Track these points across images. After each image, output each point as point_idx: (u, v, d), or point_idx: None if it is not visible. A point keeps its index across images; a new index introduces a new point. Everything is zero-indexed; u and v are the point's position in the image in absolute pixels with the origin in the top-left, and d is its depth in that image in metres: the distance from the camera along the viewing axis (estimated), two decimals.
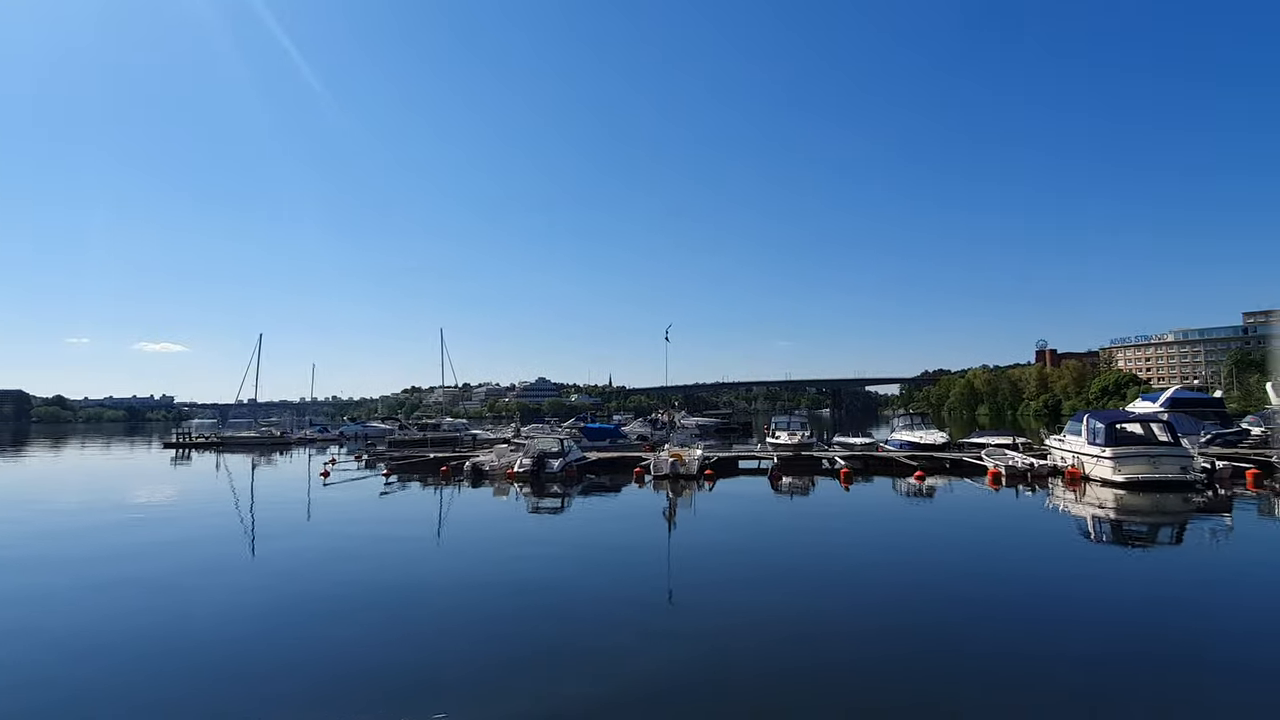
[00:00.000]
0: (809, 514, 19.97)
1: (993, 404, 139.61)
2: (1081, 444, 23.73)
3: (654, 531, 16.80)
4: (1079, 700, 6.75)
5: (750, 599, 10.66)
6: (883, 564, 13.30)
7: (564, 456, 27.84)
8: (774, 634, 8.98)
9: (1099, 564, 13.63)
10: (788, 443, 33.59)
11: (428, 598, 10.96)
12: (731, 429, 73.04)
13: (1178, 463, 21.29)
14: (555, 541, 15.99)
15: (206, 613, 10.27)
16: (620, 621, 9.51)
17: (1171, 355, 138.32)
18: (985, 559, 13.78)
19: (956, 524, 18.11)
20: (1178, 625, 9.35)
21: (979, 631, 9.10)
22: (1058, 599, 10.73)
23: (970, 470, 26.30)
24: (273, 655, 8.40)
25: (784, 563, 13.49)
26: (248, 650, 8.58)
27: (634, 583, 11.76)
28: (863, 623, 9.52)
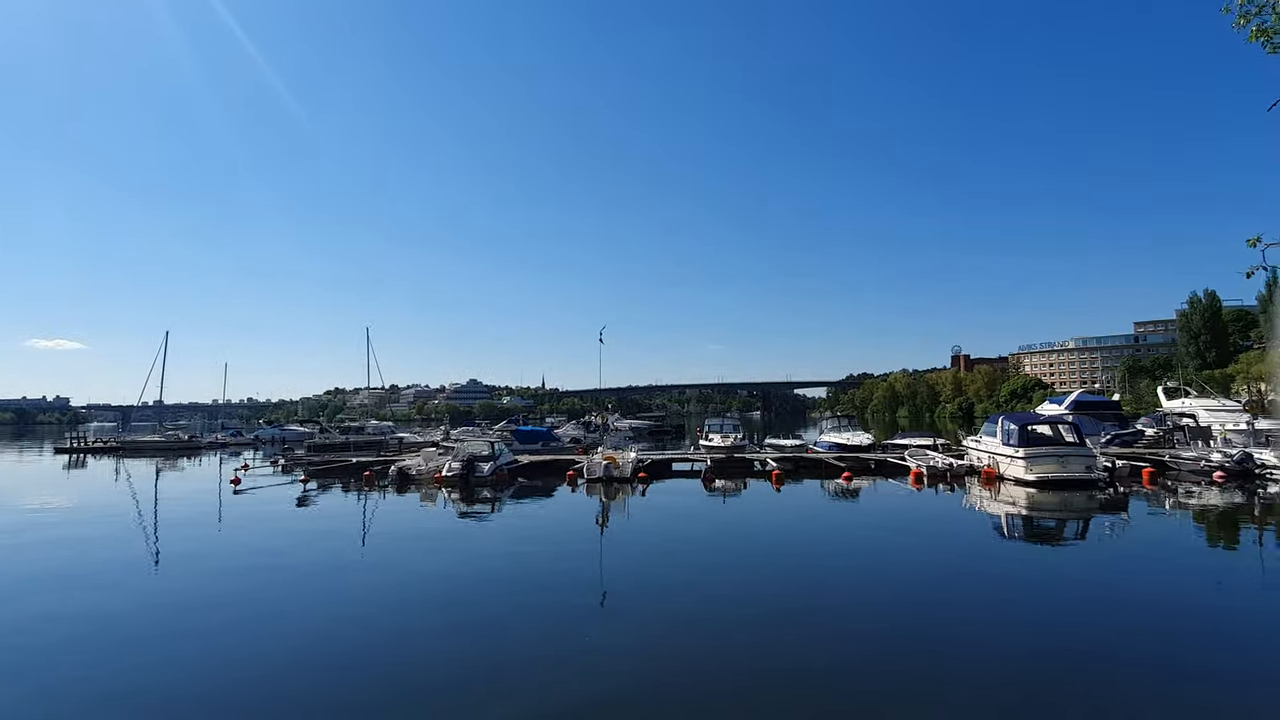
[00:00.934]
0: (742, 516, 20.11)
1: (912, 406, 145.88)
2: (997, 445, 24.88)
3: (587, 536, 16.52)
4: (987, 691, 6.93)
5: (684, 604, 10.54)
6: (815, 566, 13.45)
7: (495, 460, 27.16)
8: (709, 639, 8.87)
9: (1014, 560, 14.27)
10: (720, 445, 33.89)
11: (345, 614, 10.30)
12: (665, 431, 73.40)
13: (1083, 462, 22.59)
14: (484, 548, 15.49)
15: (70, 644, 9.34)
16: (552, 632, 9.19)
17: (1072, 361, 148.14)
18: (911, 558, 14.12)
19: (883, 523, 18.59)
20: (1082, 617, 9.79)
21: (908, 631, 9.26)
22: (977, 594, 11.12)
23: (894, 470, 27.18)
24: (149, 692, 7.65)
25: (718, 566, 13.45)
26: (114, 690, 7.78)
27: (566, 590, 11.44)
28: (797, 626, 9.53)
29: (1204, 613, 10.18)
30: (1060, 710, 6.65)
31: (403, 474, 27.09)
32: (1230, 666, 7.77)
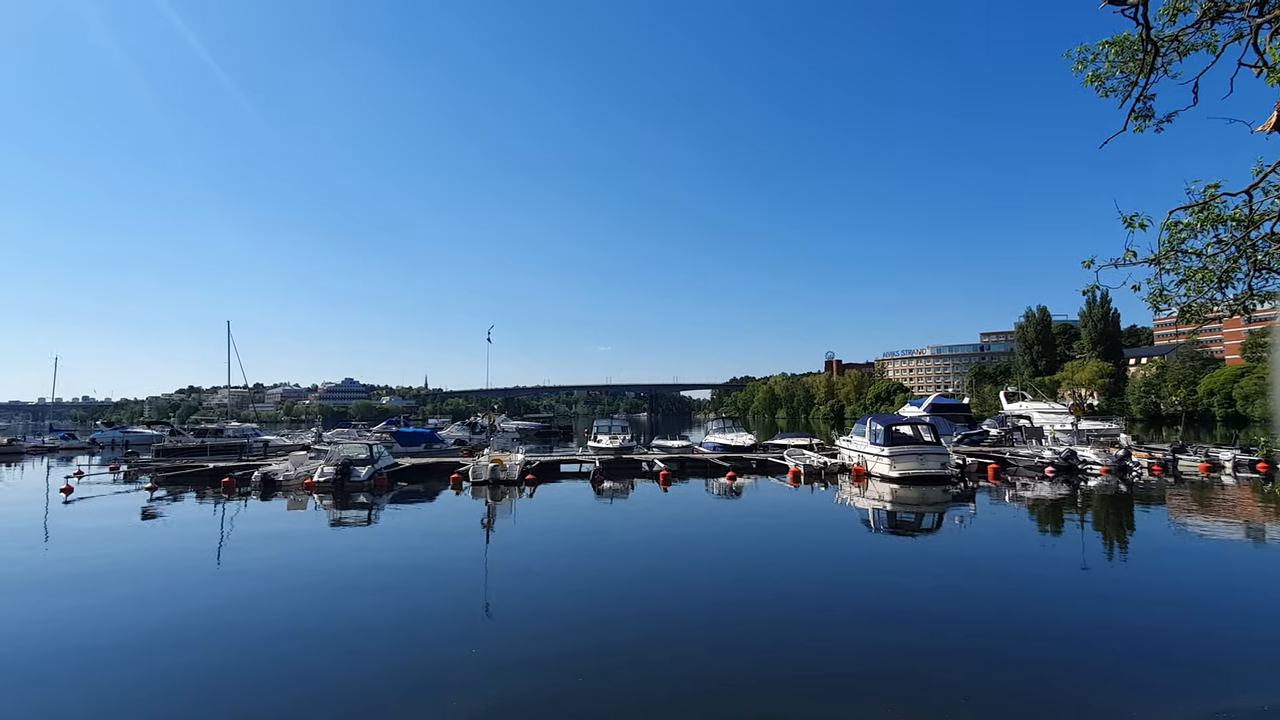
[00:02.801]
0: (630, 516, 20.29)
1: (790, 408, 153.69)
2: (865, 444, 26.66)
3: (471, 541, 16.06)
4: (838, 670, 7.43)
5: (571, 606, 10.50)
6: (701, 563, 13.82)
7: (373, 463, 25.82)
8: (597, 644, 8.87)
9: (881, 549, 15.36)
10: (609, 446, 34.07)
11: (192, 638, 9.40)
12: (553, 433, 72.91)
13: (939, 460, 24.68)
14: (360, 558, 14.65)
15: None
16: (431, 645, 8.85)
17: (929, 367, 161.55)
18: (791, 552, 14.84)
19: (764, 520, 19.42)
20: (938, 599, 10.71)
21: (787, 621, 9.72)
22: (849, 581, 11.87)
23: (774, 469, 28.44)
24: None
25: (607, 568, 13.50)
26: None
27: (448, 599, 11.07)
28: (683, 623, 9.74)
29: (1035, 590, 11.42)
30: (929, 686, 7.23)
31: (267, 480, 25.13)
32: (1060, 632, 8.78)
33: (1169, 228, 5.25)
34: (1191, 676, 7.68)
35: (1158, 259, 5.29)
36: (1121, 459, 26.66)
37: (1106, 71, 6.36)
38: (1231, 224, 5.10)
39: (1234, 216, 5.18)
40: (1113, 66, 6.32)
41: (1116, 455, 26.97)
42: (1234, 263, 5.15)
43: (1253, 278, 5.16)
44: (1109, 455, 27.01)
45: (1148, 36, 5.66)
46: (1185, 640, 8.93)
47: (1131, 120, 6.24)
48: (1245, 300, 5.32)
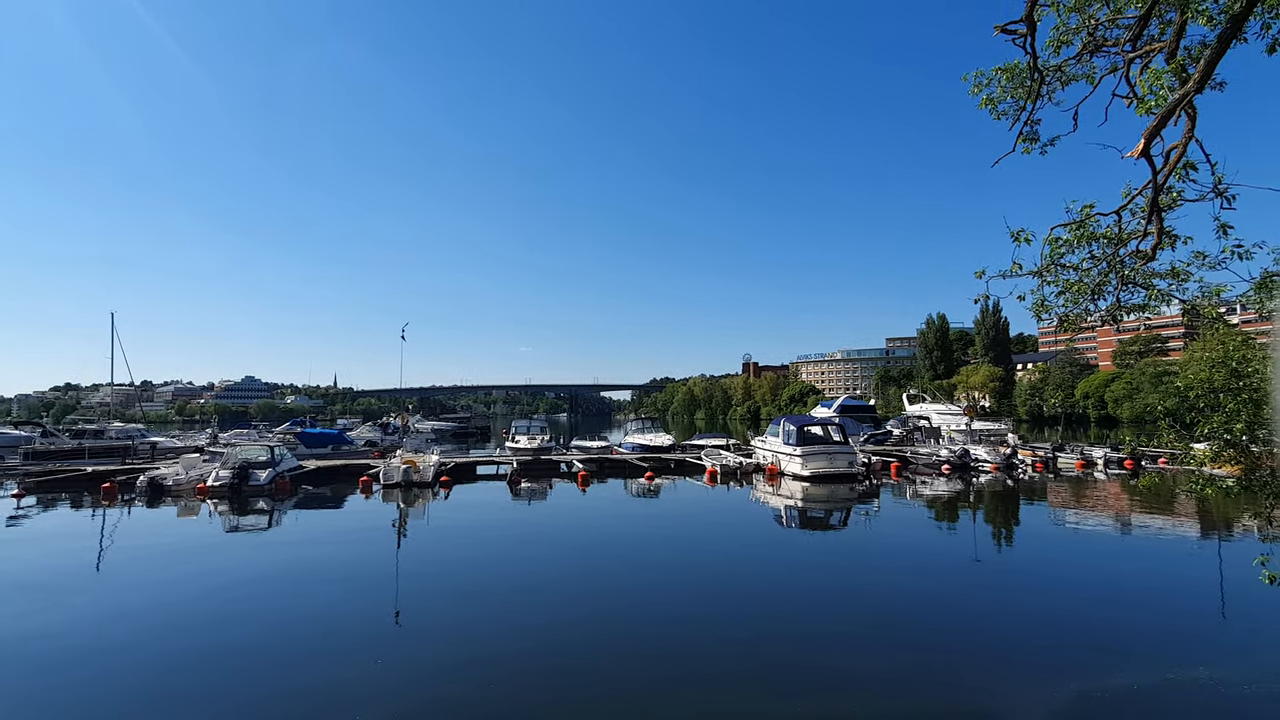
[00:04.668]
0: (547, 517, 20.11)
1: (708, 409, 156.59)
2: (779, 444, 27.50)
3: (381, 546, 15.46)
4: (745, 663, 7.66)
5: (485, 611, 10.29)
6: (616, 564, 13.85)
7: (274, 466, 24.43)
8: (510, 648, 8.73)
9: (791, 544, 15.86)
10: (527, 447, 33.64)
11: (56, 663, 8.62)
12: (470, 433, 71.38)
13: (847, 459, 25.77)
14: (258, 568, 13.82)
15: None
16: (336, 657, 8.46)
17: (839, 370, 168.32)
18: (705, 549, 15.10)
19: (681, 519, 19.69)
20: (843, 592, 11.19)
21: (698, 617, 9.88)
22: (761, 576, 12.20)
23: (692, 469, 28.88)
24: None
25: (522, 572, 13.29)
26: None
27: (355, 607, 10.61)
28: (598, 626, 9.73)
29: (931, 581, 12.12)
30: (832, 676, 7.52)
31: (155, 485, 23.31)
32: (954, 620, 9.35)
33: (1050, 243, 5.69)
34: (1071, 657, 8.34)
35: (1040, 271, 5.72)
36: (1009, 457, 28.67)
37: (999, 96, 6.79)
38: (1104, 241, 5.58)
39: (1106, 234, 5.66)
40: (1004, 91, 6.74)
41: (1004, 453, 28.98)
42: (1105, 277, 5.63)
43: (1121, 291, 5.66)
44: (998, 453, 28.98)
45: (1034, 65, 6.09)
46: (1065, 624, 9.70)
47: (1020, 142, 6.69)
48: (1114, 311, 5.82)
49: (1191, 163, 5.09)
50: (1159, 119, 4.77)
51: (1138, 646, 8.70)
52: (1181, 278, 5.56)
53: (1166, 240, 5.33)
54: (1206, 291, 6.07)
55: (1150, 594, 11.39)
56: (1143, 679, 7.52)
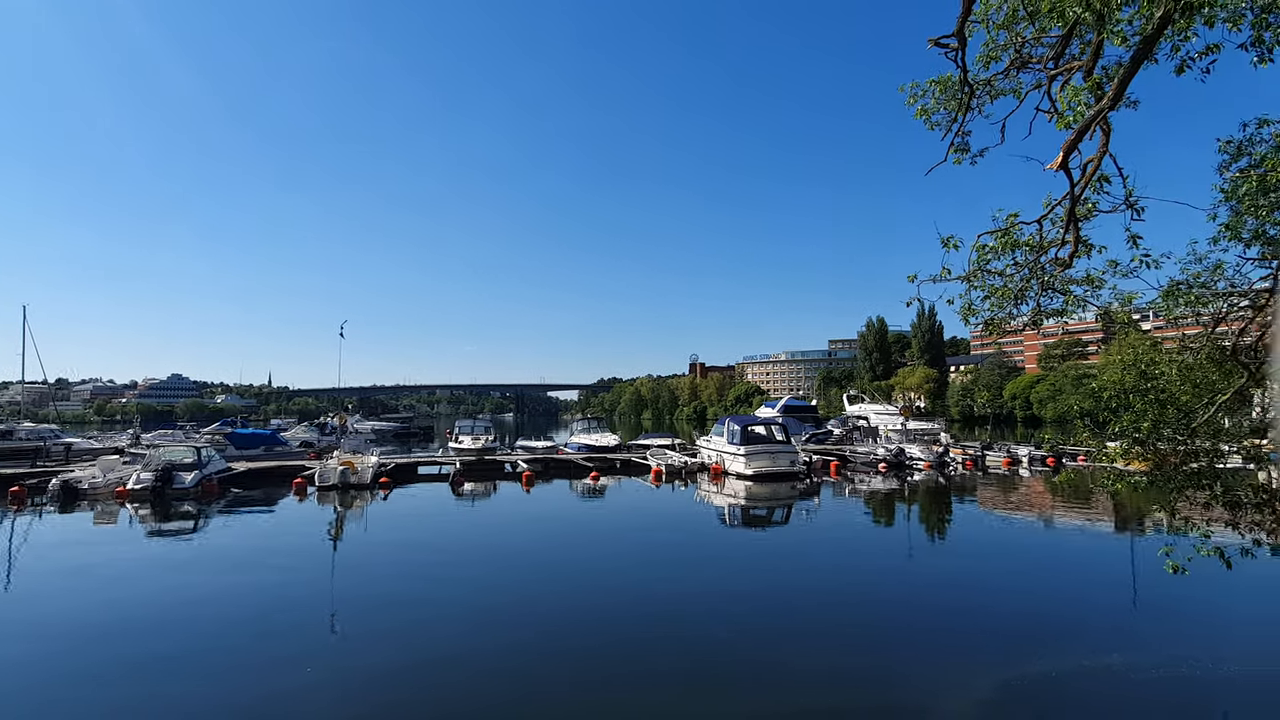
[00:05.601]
0: (490, 518, 19.84)
1: (655, 409, 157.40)
2: (723, 444, 27.84)
3: (316, 550, 14.95)
4: (688, 661, 7.76)
5: (424, 615, 10.07)
6: (560, 564, 13.77)
7: (200, 468, 23.30)
8: (448, 653, 8.58)
9: (734, 541, 16.08)
10: (471, 447, 33.06)
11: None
12: (412, 433, 69.71)
13: (789, 458, 26.29)
14: (182, 574, 13.16)
15: None
16: (261, 667, 8.14)
17: (783, 371, 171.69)
18: (648, 550, 15.16)
19: (625, 518, 19.72)
20: (780, 585, 11.42)
21: (648, 619, 9.91)
22: (706, 577, 12.32)
23: (638, 469, 28.96)
24: None
25: (463, 576, 13.06)
26: None
27: (286, 614, 10.23)
28: (538, 629, 9.64)
29: (866, 574, 12.49)
30: (770, 669, 7.65)
31: (69, 488, 21.92)
32: (888, 613, 9.65)
33: (977, 249, 5.93)
34: (995, 647, 8.72)
35: (968, 277, 5.96)
36: (941, 455, 29.80)
37: (933, 107, 7.03)
38: (1026, 249, 5.85)
39: (1028, 242, 5.94)
40: (938, 103, 6.98)
41: (937, 452, 30.10)
42: (1027, 283, 5.90)
43: (1041, 296, 5.95)
44: (931, 452, 30.08)
45: (964, 79, 6.33)
46: (990, 616, 10.14)
47: (952, 152, 6.93)
48: (1035, 316, 6.12)
49: (1106, 176, 5.40)
50: (1076, 133, 5.02)
51: (1056, 635, 9.16)
52: (1096, 285, 5.89)
53: (1083, 249, 5.63)
54: (1119, 298, 6.45)
55: (1069, 585, 12.02)
56: (1061, 666, 7.92)
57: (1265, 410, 6.57)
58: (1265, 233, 6.38)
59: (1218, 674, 7.74)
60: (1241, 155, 6.47)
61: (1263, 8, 4.92)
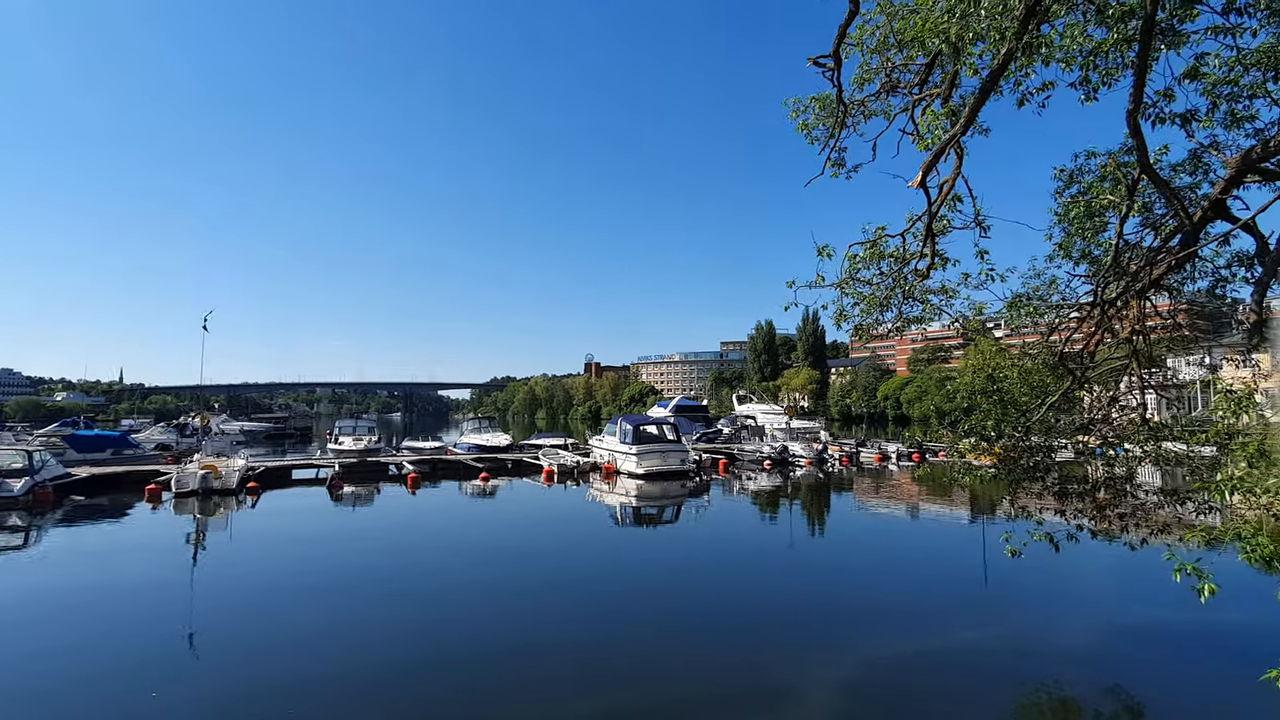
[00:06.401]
0: (371, 523, 18.91)
1: (550, 409, 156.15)
2: (615, 443, 28.04)
3: (172, 562, 13.67)
4: (575, 665, 7.82)
5: (291, 630, 9.47)
6: (444, 569, 13.35)
7: (32, 474, 20.71)
8: (317, 670, 8.10)
9: (624, 540, 16.24)
10: (352, 448, 31.37)
11: None
12: (287, 434, 65.30)
13: (679, 456, 26.86)
14: (7, 592, 11.64)
15: None
16: (108, 693, 7.35)
17: (677, 372, 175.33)
18: (536, 551, 15.02)
19: (513, 520, 19.43)
20: (668, 580, 11.67)
21: (533, 621, 9.81)
22: (593, 572, 12.37)
23: (529, 469, 28.60)
24: None
25: (337, 582, 12.35)
26: None
27: (140, 630, 9.30)
28: (419, 643, 9.31)
29: (749, 567, 13.00)
30: (651, 666, 7.79)
31: None
32: (767, 601, 10.08)
33: (849, 258, 6.34)
34: (860, 630, 9.31)
35: (840, 284, 6.35)
36: (820, 453, 31.51)
37: (813, 123, 7.42)
38: (891, 260, 6.31)
39: (893, 254, 6.41)
40: (817, 119, 7.36)
41: (817, 450, 31.80)
42: (891, 291, 6.37)
43: (904, 304, 6.45)
44: (812, 449, 31.73)
45: (840, 98, 6.72)
46: (858, 600, 10.83)
47: (829, 166, 7.34)
48: (898, 323, 6.63)
49: (959, 195, 5.93)
50: (933, 155, 5.48)
51: (916, 616, 9.92)
52: (950, 295, 6.46)
53: (939, 262, 6.16)
54: (971, 308, 7.07)
55: (929, 569, 13.06)
56: (919, 645, 8.58)
57: (1089, 410, 7.42)
58: (1090, 252, 7.21)
59: (1049, 646, 8.66)
60: (1073, 183, 7.27)
61: (1089, 52, 5.57)
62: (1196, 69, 5.56)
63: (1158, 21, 5.03)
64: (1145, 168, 5.11)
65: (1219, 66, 5.64)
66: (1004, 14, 4.77)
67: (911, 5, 5.96)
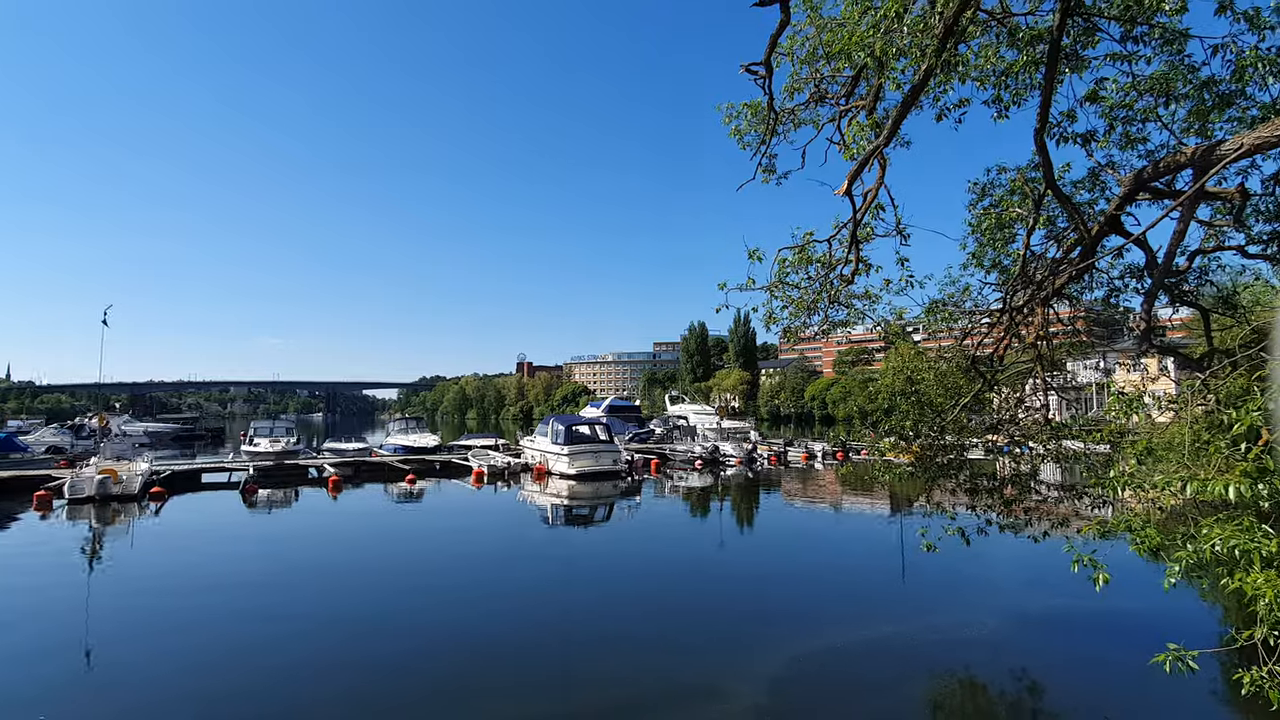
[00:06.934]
0: (287, 529, 18.06)
1: (481, 409, 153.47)
2: (547, 444, 27.78)
3: (64, 574, 12.63)
4: (490, 671, 7.72)
5: (197, 643, 8.92)
6: (367, 573, 12.89)
7: None
8: (226, 684, 7.67)
9: (556, 540, 16.09)
10: (269, 450, 29.87)
11: None
12: (197, 436, 61.60)
13: (611, 457, 26.85)
14: None
15: None
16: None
17: (610, 372, 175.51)
18: (460, 553, 14.70)
19: (440, 522, 18.95)
20: (598, 583, 11.65)
21: (453, 623, 9.58)
22: (517, 579, 12.20)
23: (459, 471, 27.98)
24: None
25: (249, 592, 11.74)
26: None
27: (27, 648, 8.55)
28: (336, 653, 8.96)
29: (679, 566, 13.13)
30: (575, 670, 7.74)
31: None
32: (693, 602, 10.19)
33: (779, 262, 6.49)
34: (787, 626, 9.54)
35: (769, 287, 6.50)
36: (750, 452, 32.15)
37: (745, 128, 7.56)
38: (818, 264, 6.51)
39: (820, 259, 6.60)
40: (750, 125, 7.50)
41: (747, 449, 32.43)
42: (819, 295, 6.57)
43: (830, 308, 6.67)
44: (742, 449, 32.34)
45: (771, 105, 6.87)
46: (785, 597, 11.08)
47: (760, 172, 7.49)
48: (824, 326, 6.84)
49: (881, 204, 6.18)
50: (858, 164, 5.68)
51: (839, 612, 10.26)
52: (873, 299, 6.72)
53: (863, 268, 6.39)
54: (892, 312, 7.36)
55: (853, 564, 13.53)
56: (841, 639, 8.87)
57: (998, 411, 7.86)
58: (1000, 262, 7.63)
59: (961, 636, 9.09)
60: (985, 196, 7.68)
61: (1001, 72, 5.89)
62: (1096, 92, 5.97)
63: (1063, 46, 5.37)
64: (1050, 183, 5.44)
65: (1116, 91, 6.07)
66: (924, 32, 4.98)
67: (840, 19, 6.16)
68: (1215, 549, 3.28)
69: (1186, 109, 5.98)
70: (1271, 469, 3.09)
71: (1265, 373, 3.55)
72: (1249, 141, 4.31)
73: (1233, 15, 5.13)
